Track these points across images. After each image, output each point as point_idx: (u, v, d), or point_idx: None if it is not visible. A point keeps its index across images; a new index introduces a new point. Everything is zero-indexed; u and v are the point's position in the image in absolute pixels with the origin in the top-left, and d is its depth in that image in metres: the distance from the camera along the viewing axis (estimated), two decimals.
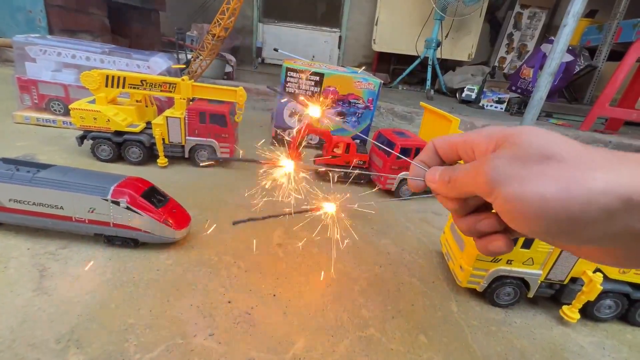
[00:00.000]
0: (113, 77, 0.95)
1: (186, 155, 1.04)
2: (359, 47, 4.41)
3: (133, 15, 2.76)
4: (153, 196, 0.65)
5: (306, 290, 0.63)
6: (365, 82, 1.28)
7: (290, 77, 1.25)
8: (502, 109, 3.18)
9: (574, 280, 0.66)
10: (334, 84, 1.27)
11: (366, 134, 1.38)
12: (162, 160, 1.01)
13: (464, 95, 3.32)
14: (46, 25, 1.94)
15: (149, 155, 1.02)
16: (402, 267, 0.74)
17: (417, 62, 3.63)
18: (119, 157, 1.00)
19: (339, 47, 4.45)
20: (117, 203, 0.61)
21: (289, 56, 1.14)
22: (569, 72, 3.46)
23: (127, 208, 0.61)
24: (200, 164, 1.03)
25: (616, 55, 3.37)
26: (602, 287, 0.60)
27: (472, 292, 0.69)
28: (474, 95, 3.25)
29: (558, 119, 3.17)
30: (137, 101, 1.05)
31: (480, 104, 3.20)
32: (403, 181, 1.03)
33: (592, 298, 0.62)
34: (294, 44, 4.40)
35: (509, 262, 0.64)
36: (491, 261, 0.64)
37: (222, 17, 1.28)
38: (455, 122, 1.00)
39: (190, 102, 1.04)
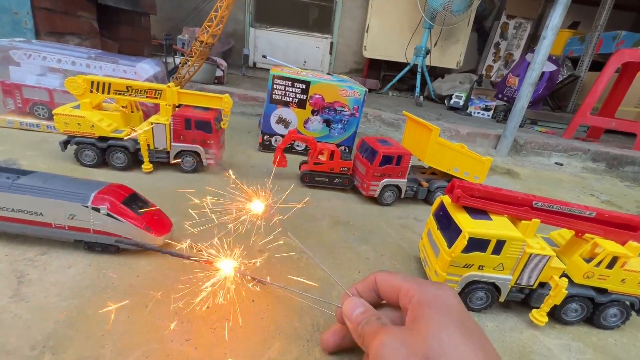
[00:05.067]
0: (98, 83, 0.96)
1: (171, 161, 1.04)
2: (350, 53, 4.48)
3: (123, 18, 2.75)
4: (134, 203, 0.66)
5: (286, 295, 0.65)
6: (350, 91, 1.30)
7: (277, 84, 1.27)
8: (489, 116, 3.26)
9: (542, 284, 0.69)
10: (320, 92, 1.29)
11: (352, 141, 1.40)
12: (147, 166, 1.02)
13: (452, 102, 3.39)
14: (32, 28, 1.92)
15: (134, 161, 1.02)
16: None
17: (406, 69, 3.71)
18: (103, 162, 1.00)
19: (330, 53, 4.51)
20: (98, 210, 0.62)
21: (278, 63, 1.16)
22: (552, 81, 3.58)
23: (108, 215, 0.62)
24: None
25: (597, 65, 3.51)
26: (567, 292, 0.63)
27: None
28: (461, 102, 3.33)
29: (542, 126, 3.27)
30: (122, 107, 1.05)
31: (468, 111, 3.28)
32: (385, 188, 1.06)
33: (559, 302, 0.65)
34: (286, 49, 4.44)
35: (480, 267, 0.66)
36: (463, 267, 0.66)
37: (210, 24, 1.30)
38: (435, 130, 1.03)
39: (177, 108, 1.05)
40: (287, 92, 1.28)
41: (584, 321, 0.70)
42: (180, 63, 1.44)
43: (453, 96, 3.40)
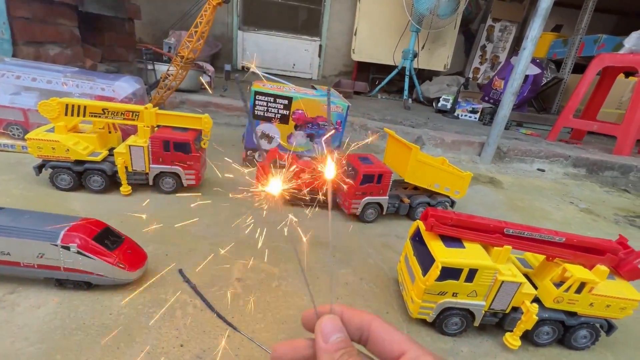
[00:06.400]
0: (73, 106, 0.94)
1: (150, 183, 1.03)
2: (339, 56, 4.48)
3: (106, 24, 2.69)
4: (107, 238, 0.65)
5: (261, 328, 0.65)
6: (333, 105, 1.31)
7: (259, 100, 1.26)
8: (475, 118, 3.30)
9: (515, 309, 0.70)
10: (303, 107, 1.29)
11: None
12: (125, 188, 1.00)
13: (439, 105, 3.43)
14: (10, 38, 1.86)
15: (112, 183, 1.01)
16: (358, 297, 0.77)
17: (394, 72, 3.73)
18: (80, 185, 0.99)
19: (319, 56, 4.50)
20: (68, 248, 0.61)
21: (260, 74, 1.14)
22: (536, 83, 3.65)
23: (78, 252, 0.61)
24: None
25: (580, 67, 3.58)
26: (537, 317, 0.65)
27: (424, 322, 0.72)
28: (449, 105, 3.36)
29: (528, 128, 3.33)
30: (100, 128, 1.03)
31: (455, 114, 3.31)
32: (367, 206, 1.07)
33: (530, 327, 0.66)
34: (275, 52, 4.43)
35: (454, 294, 0.67)
36: (438, 294, 0.67)
37: (190, 40, 1.28)
38: (415, 149, 1.04)
39: (156, 129, 1.03)
40: (270, 108, 1.28)
41: (556, 342, 0.72)
42: (161, 78, 1.42)
43: (441, 99, 3.43)
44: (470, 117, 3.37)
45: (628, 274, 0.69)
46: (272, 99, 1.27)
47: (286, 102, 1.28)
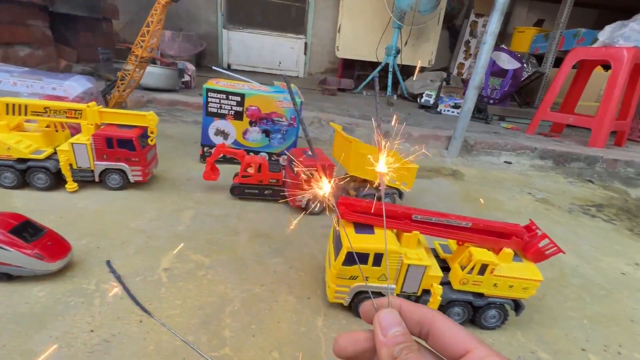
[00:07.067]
0: (13, 105, 0.96)
1: (96, 180, 1.05)
2: (325, 53, 4.50)
3: (81, 24, 2.70)
4: (25, 231, 0.68)
5: (176, 314, 0.67)
6: (286, 102, 1.33)
7: (212, 97, 1.28)
8: (458, 113, 3.31)
9: (427, 291, 0.73)
10: (256, 103, 1.31)
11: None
12: (70, 185, 1.02)
13: (422, 100, 3.44)
14: None
15: (58, 181, 1.03)
16: (283, 285, 0.79)
17: (378, 68, 3.74)
18: (24, 183, 1.01)
19: (305, 54, 4.52)
20: None
21: (227, 75, 1.16)
22: (516, 78, 3.66)
23: None
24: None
25: (561, 62, 3.59)
26: (440, 299, 0.68)
27: (342, 306, 0.74)
28: (431, 101, 3.38)
29: (509, 122, 3.35)
30: (46, 127, 1.06)
31: (438, 109, 3.33)
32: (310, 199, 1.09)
33: (436, 307, 0.69)
34: (260, 50, 4.44)
35: (365, 278, 0.70)
36: (349, 278, 0.70)
37: (143, 39, 1.30)
38: (355, 142, 1.07)
39: (102, 127, 1.06)
40: (223, 105, 1.30)
41: (471, 322, 0.75)
42: (118, 77, 1.44)
43: (424, 95, 3.45)
44: (452, 112, 3.39)
45: (533, 256, 0.72)
46: (224, 96, 1.29)
47: (239, 98, 1.30)
